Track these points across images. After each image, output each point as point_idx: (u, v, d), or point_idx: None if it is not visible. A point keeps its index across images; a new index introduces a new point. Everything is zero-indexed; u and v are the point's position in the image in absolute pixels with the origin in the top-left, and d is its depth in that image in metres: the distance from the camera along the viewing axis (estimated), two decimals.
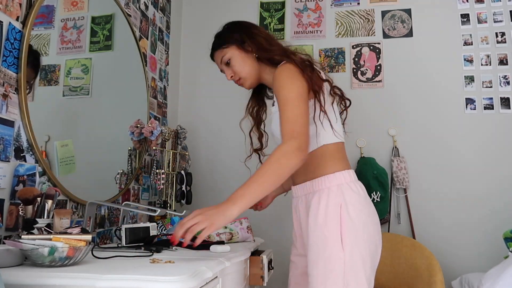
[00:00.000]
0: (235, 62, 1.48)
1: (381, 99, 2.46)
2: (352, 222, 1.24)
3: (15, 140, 1.27)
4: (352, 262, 1.22)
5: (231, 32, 1.51)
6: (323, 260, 1.24)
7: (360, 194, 1.31)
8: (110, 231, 1.75)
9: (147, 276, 0.80)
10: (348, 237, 1.23)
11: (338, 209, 1.25)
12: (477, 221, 2.27)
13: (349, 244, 1.22)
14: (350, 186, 1.30)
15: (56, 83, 1.51)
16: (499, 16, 2.42)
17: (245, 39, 1.45)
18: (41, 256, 0.89)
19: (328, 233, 1.24)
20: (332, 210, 1.26)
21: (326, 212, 1.26)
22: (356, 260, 1.22)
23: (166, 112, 2.48)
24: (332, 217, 1.25)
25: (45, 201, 1.19)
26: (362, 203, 1.29)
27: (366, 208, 1.30)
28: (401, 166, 2.34)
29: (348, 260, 1.21)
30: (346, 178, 1.31)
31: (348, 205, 1.26)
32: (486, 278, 1.70)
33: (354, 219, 1.25)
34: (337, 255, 1.22)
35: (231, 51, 1.48)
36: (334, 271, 1.22)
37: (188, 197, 2.10)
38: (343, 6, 2.60)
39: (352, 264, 1.22)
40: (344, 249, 1.22)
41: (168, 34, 2.56)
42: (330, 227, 1.25)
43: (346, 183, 1.30)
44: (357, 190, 1.30)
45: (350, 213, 1.25)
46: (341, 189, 1.28)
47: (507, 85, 2.36)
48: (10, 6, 1.26)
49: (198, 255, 1.23)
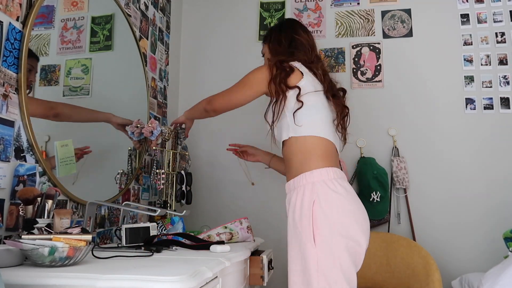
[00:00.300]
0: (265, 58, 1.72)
1: (381, 99, 2.46)
2: (325, 218, 1.28)
3: (15, 140, 1.27)
4: (325, 257, 1.26)
5: (272, 29, 1.72)
6: (298, 255, 1.30)
7: (337, 191, 1.33)
8: (110, 231, 1.75)
9: (147, 276, 0.80)
10: (320, 233, 1.27)
11: (311, 205, 1.30)
12: (477, 221, 2.27)
13: (321, 240, 1.27)
14: (326, 184, 1.33)
15: (56, 83, 1.51)
16: (499, 16, 2.42)
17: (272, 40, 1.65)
18: (41, 256, 0.89)
19: (302, 229, 1.30)
20: (306, 207, 1.31)
21: (301, 209, 1.32)
22: (330, 255, 1.26)
23: (166, 112, 2.48)
24: (305, 214, 1.30)
25: (45, 201, 1.19)
26: (339, 200, 1.32)
27: (345, 205, 1.33)
28: (401, 166, 2.34)
29: (321, 255, 1.26)
30: (323, 176, 1.34)
31: (321, 202, 1.30)
32: (486, 278, 1.70)
33: (328, 215, 1.28)
34: (310, 250, 1.27)
35: (265, 48, 1.71)
36: (307, 266, 1.27)
37: (188, 197, 2.09)
38: (343, 6, 2.60)
39: (325, 259, 1.26)
40: (316, 244, 1.27)
41: (168, 34, 2.56)
42: (304, 223, 1.30)
43: (322, 180, 1.34)
44: (334, 188, 1.33)
45: (323, 209, 1.29)
46: (316, 186, 1.33)
47: (507, 85, 2.36)
48: (10, 6, 1.26)
49: (198, 255, 1.23)
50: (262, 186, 2.46)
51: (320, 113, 1.47)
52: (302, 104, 1.42)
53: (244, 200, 2.48)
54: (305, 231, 1.29)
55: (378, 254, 2.14)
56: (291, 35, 1.61)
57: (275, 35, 1.65)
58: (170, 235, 1.52)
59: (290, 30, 1.63)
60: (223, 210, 2.47)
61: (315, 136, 1.42)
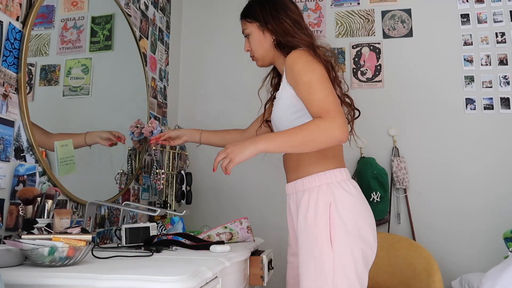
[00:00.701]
0: (252, 40, 1.44)
1: (381, 99, 2.46)
2: (342, 221, 1.23)
3: (15, 140, 1.27)
4: (341, 262, 1.21)
5: (260, 6, 1.41)
6: (313, 259, 1.23)
7: (352, 193, 1.28)
8: (110, 231, 1.75)
9: (147, 276, 0.80)
10: (338, 236, 1.22)
11: (328, 208, 1.24)
12: (477, 221, 2.27)
13: (339, 244, 1.21)
14: (341, 185, 1.28)
15: (56, 83, 1.51)
16: (499, 16, 2.42)
17: (268, 21, 1.38)
18: (41, 256, 0.89)
19: (317, 232, 1.24)
20: (322, 209, 1.25)
21: (315, 211, 1.25)
22: (346, 259, 1.21)
23: (166, 112, 2.48)
24: (321, 216, 1.24)
25: (45, 201, 1.19)
26: (353, 202, 1.27)
27: (358, 207, 1.28)
28: (401, 166, 2.34)
29: (338, 260, 1.20)
30: (337, 177, 1.29)
31: (337, 204, 1.24)
32: (486, 278, 1.70)
33: (344, 218, 1.23)
34: (326, 254, 1.21)
35: (252, 27, 1.43)
36: (323, 271, 1.21)
37: (188, 197, 2.10)
38: (343, 6, 2.60)
39: (341, 263, 1.21)
40: (333, 248, 1.21)
41: (168, 34, 2.56)
42: (319, 226, 1.24)
43: (336, 181, 1.28)
44: (348, 189, 1.28)
45: (340, 212, 1.23)
46: (331, 188, 1.27)
47: (507, 85, 2.36)
48: (10, 6, 1.26)
49: (198, 255, 1.23)
50: (262, 186, 2.46)
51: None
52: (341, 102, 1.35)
53: (244, 200, 2.48)
54: (321, 235, 1.23)
55: (380, 254, 2.12)
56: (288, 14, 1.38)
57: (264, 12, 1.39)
58: (170, 235, 1.52)
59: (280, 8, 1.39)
60: (223, 210, 2.47)
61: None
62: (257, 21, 1.41)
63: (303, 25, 1.41)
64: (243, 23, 1.46)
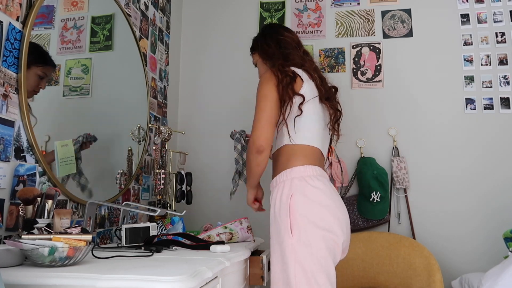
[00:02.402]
0: (259, 66, 1.73)
1: (381, 99, 2.46)
2: (302, 209, 1.35)
3: (15, 140, 1.27)
4: (301, 247, 1.32)
5: (256, 38, 1.74)
6: (278, 246, 1.37)
7: (317, 186, 1.39)
8: (110, 231, 1.75)
9: (147, 276, 0.80)
10: (297, 224, 1.34)
11: (289, 199, 1.37)
12: (477, 221, 2.27)
13: (298, 231, 1.33)
14: (305, 179, 1.40)
15: (56, 83, 1.51)
16: (499, 16, 2.42)
17: (259, 47, 1.69)
18: (41, 256, 0.89)
19: (281, 221, 1.37)
20: (284, 200, 1.38)
21: (280, 203, 1.39)
22: (306, 245, 1.32)
23: (166, 112, 2.48)
24: (284, 206, 1.37)
25: (45, 201, 1.19)
26: (316, 193, 1.38)
27: (322, 199, 1.38)
28: (401, 166, 2.34)
29: (297, 245, 1.32)
30: (302, 172, 1.41)
31: (299, 196, 1.37)
32: (486, 278, 1.70)
33: (304, 207, 1.35)
34: (287, 241, 1.33)
35: (256, 57, 1.73)
36: (285, 257, 1.33)
37: (188, 197, 2.10)
38: (343, 6, 2.60)
39: (301, 249, 1.32)
40: (293, 235, 1.33)
41: (168, 34, 2.56)
42: (282, 215, 1.37)
43: (301, 176, 1.41)
44: (312, 183, 1.39)
45: (300, 202, 1.36)
46: (295, 182, 1.40)
47: (507, 85, 2.36)
48: (10, 6, 1.26)
49: (198, 255, 1.23)
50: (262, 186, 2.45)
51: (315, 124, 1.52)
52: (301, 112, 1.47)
53: (244, 200, 2.47)
54: (283, 223, 1.35)
55: (381, 254, 2.14)
56: (276, 37, 1.66)
57: (261, 41, 1.69)
58: (170, 235, 1.52)
59: (274, 32, 1.68)
60: (223, 210, 2.47)
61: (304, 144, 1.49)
62: (256, 50, 1.72)
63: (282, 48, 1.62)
64: (252, 56, 1.77)
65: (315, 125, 1.52)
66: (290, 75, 1.49)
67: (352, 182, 2.39)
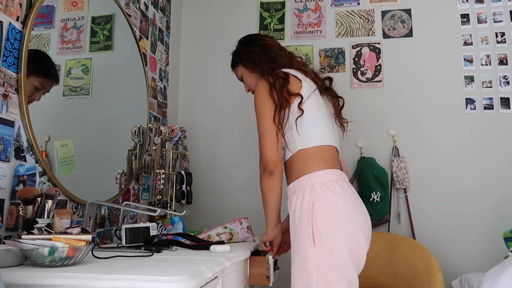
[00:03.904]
0: (245, 79, 1.64)
1: (381, 99, 2.46)
2: (324, 219, 1.29)
3: (15, 140, 1.27)
4: (324, 259, 1.26)
5: (236, 51, 1.67)
6: (298, 257, 1.31)
7: (338, 193, 1.34)
8: (110, 231, 1.75)
9: (147, 276, 0.80)
10: (319, 234, 1.28)
11: (311, 207, 1.31)
12: (477, 221, 2.27)
13: (320, 241, 1.27)
14: (325, 185, 1.34)
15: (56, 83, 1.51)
16: (499, 16, 2.42)
17: (243, 57, 1.61)
18: (41, 256, 0.89)
19: (302, 230, 1.31)
20: (305, 209, 1.32)
21: (300, 211, 1.33)
22: (330, 256, 1.27)
23: (166, 112, 2.48)
24: (305, 215, 1.31)
25: (45, 201, 1.19)
26: (337, 201, 1.32)
27: (345, 206, 1.33)
28: (401, 166, 2.34)
29: (320, 257, 1.27)
30: (322, 178, 1.35)
31: (321, 203, 1.31)
32: (486, 278, 1.70)
33: (327, 216, 1.29)
34: (309, 252, 1.28)
35: (240, 70, 1.65)
36: (307, 268, 1.28)
37: (188, 197, 2.10)
38: (343, 6, 2.60)
39: (324, 260, 1.26)
40: (315, 246, 1.27)
41: (168, 34, 2.56)
42: (303, 225, 1.31)
43: (321, 182, 1.34)
44: (333, 189, 1.34)
45: (323, 211, 1.30)
46: (315, 188, 1.33)
47: (507, 85, 2.36)
48: (10, 6, 1.26)
49: (198, 255, 1.23)
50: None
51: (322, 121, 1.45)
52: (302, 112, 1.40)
53: (244, 200, 2.47)
54: (305, 233, 1.30)
55: (382, 254, 2.14)
56: (258, 43, 1.61)
57: (243, 51, 1.62)
58: (170, 235, 1.52)
59: (254, 39, 1.65)
60: (223, 210, 2.47)
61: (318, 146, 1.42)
62: (239, 62, 1.64)
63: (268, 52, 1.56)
64: (234, 71, 1.69)
65: (322, 122, 1.45)
66: (282, 76, 1.43)
67: (352, 182, 2.39)
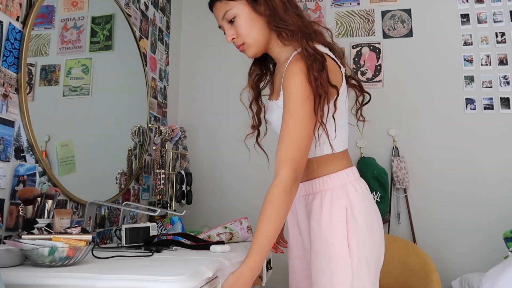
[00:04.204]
0: (241, 22, 1.20)
1: (381, 99, 2.46)
2: (358, 226, 1.13)
3: (15, 140, 1.27)
4: (359, 269, 1.12)
5: None
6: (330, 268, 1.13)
7: (364, 193, 1.18)
8: (110, 231, 1.75)
9: (147, 276, 0.80)
10: (355, 242, 1.12)
11: (344, 212, 1.13)
12: (477, 221, 2.27)
13: (356, 250, 1.12)
14: (354, 186, 1.17)
15: (56, 83, 1.51)
16: (499, 16, 2.42)
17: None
18: (41, 256, 0.89)
19: (334, 239, 1.13)
20: (337, 214, 1.13)
21: (330, 216, 1.14)
22: (363, 266, 1.13)
23: (166, 112, 2.48)
24: (338, 222, 1.13)
25: (45, 201, 1.19)
26: (366, 204, 1.17)
27: (370, 208, 1.18)
28: (401, 166, 2.34)
29: (356, 267, 1.12)
30: (349, 177, 1.18)
31: (353, 208, 1.14)
32: (486, 278, 1.70)
33: (360, 223, 1.13)
34: (344, 262, 1.11)
35: (239, 7, 1.19)
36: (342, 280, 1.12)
37: (188, 197, 2.10)
38: (343, 6, 2.60)
39: (359, 271, 1.12)
40: (351, 256, 1.11)
41: (168, 34, 2.56)
42: (336, 233, 1.13)
43: (349, 182, 1.17)
44: (361, 190, 1.18)
45: (356, 217, 1.13)
46: (345, 190, 1.15)
47: (507, 85, 2.36)
48: (10, 6, 1.26)
49: (198, 255, 1.23)
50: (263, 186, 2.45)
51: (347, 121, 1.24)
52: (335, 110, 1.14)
53: (244, 200, 2.48)
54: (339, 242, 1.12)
55: None
56: None
57: None
58: (170, 235, 1.52)
59: None
60: (223, 210, 2.47)
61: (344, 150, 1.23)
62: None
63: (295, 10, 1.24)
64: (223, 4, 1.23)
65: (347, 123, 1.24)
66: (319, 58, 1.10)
67: None
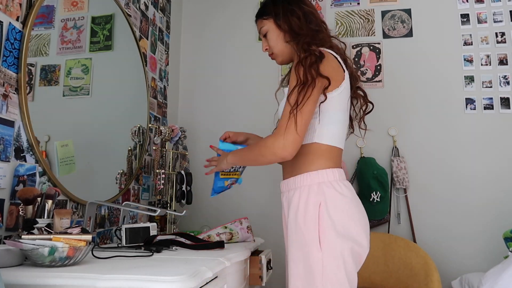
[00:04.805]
0: (270, 36, 1.44)
1: (381, 99, 2.45)
2: (331, 221, 1.21)
3: (15, 140, 1.27)
4: (330, 262, 1.20)
5: (274, 2, 1.44)
6: (302, 260, 1.23)
7: (343, 193, 1.27)
8: (110, 231, 1.75)
9: (147, 276, 0.80)
10: (327, 237, 1.21)
11: (317, 207, 1.23)
12: (477, 221, 2.27)
13: (327, 244, 1.20)
14: (332, 185, 1.26)
15: (56, 83, 1.51)
16: (499, 16, 2.42)
17: (280, 15, 1.39)
18: (41, 256, 0.89)
19: (307, 232, 1.23)
20: (311, 209, 1.24)
21: (305, 210, 1.24)
22: (335, 260, 1.20)
23: (166, 112, 2.48)
24: (311, 216, 1.23)
25: (45, 201, 1.19)
26: (344, 203, 1.25)
27: (349, 208, 1.26)
28: (401, 166, 2.34)
29: (326, 260, 1.20)
30: (329, 177, 1.27)
31: (328, 204, 1.23)
32: (486, 278, 1.70)
33: (334, 219, 1.22)
34: (315, 255, 1.20)
35: (268, 24, 1.44)
36: (312, 270, 1.21)
37: (188, 197, 2.10)
38: (343, 6, 2.60)
39: (330, 264, 1.20)
40: (322, 249, 1.20)
41: (168, 34, 2.56)
42: (309, 226, 1.23)
43: (328, 181, 1.26)
44: (340, 190, 1.26)
45: (329, 212, 1.22)
46: (322, 188, 1.25)
47: (507, 85, 2.36)
48: (10, 6, 1.26)
49: (198, 255, 1.23)
50: (263, 186, 2.46)
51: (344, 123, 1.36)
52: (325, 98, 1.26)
53: (244, 200, 2.48)
54: (310, 234, 1.22)
55: (376, 254, 2.14)
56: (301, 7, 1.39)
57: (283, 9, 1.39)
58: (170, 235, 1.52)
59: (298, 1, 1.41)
60: (223, 210, 2.47)
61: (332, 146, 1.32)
62: (273, 16, 1.42)
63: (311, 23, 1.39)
64: (260, 22, 1.48)
65: (344, 123, 1.34)
66: (316, 54, 1.26)
67: (352, 182, 2.39)
